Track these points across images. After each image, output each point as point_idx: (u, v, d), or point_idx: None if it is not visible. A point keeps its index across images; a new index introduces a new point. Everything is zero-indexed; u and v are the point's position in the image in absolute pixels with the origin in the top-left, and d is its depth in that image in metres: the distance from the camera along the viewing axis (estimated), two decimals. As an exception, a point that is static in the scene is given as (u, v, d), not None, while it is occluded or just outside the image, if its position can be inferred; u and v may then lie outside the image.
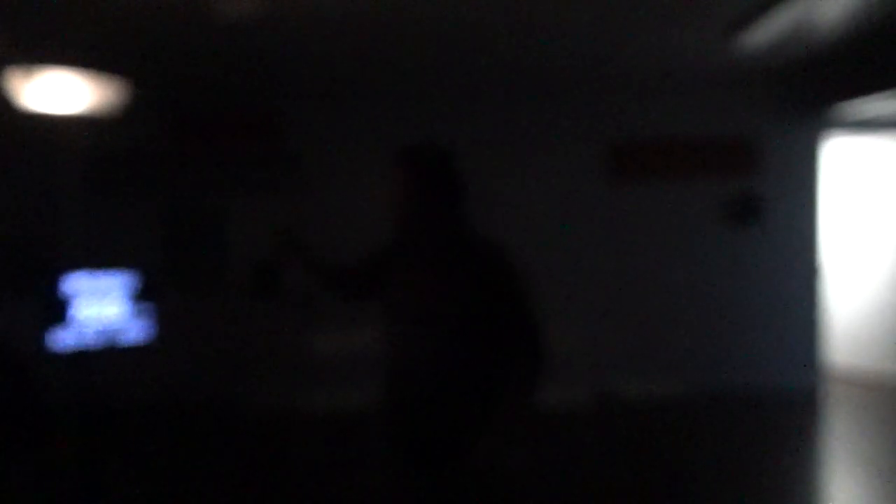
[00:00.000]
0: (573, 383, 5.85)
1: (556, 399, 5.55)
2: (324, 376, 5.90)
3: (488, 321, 1.94)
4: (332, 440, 5.12)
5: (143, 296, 4.84)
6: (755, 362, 6.09)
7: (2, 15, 3.87)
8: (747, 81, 5.98)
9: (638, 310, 6.09)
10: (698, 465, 4.46)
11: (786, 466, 4.41)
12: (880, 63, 4.95)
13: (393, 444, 2.08)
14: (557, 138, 6.06)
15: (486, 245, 2.02)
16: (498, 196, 5.79)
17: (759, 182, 6.06)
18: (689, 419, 5.48)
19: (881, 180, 6.49)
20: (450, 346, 1.95)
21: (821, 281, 6.10)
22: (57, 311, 4.40)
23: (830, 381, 6.35)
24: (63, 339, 4.40)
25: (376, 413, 2.18)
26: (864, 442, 4.94)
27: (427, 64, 5.31)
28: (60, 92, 4.33)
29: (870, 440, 4.98)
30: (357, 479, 4.26)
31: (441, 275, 2.00)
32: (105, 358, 5.07)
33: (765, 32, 4.34)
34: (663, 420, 5.46)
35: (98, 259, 5.44)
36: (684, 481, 4.20)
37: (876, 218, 6.51)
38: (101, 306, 4.60)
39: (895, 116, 6.03)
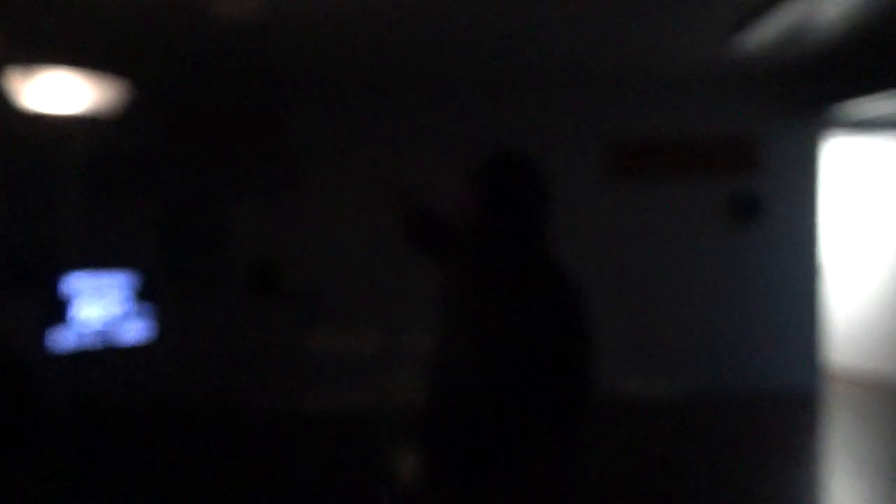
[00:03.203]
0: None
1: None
2: (324, 376, 5.90)
3: (543, 346, 1.89)
4: (331, 440, 5.11)
5: (143, 296, 4.85)
6: (755, 362, 6.09)
7: (2, 15, 3.88)
8: (747, 81, 5.98)
9: (638, 309, 6.09)
10: (698, 465, 4.46)
11: (786, 466, 4.41)
12: (880, 63, 4.95)
13: (417, 447, 2.06)
14: (556, 137, 6.06)
15: (557, 271, 1.94)
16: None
17: (760, 182, 6.06)
18: (689, 419, 5.48)
19: (881, 180, 6.49)
20: (497, 359, 1.90)
21: (821, 281, 6.10)
22: (57, 311, 4.40)
23: (830, 381, 6.35)
24: (63, 339, 4.40)
25: (398, 414, 2.17)
26: (864, 442, 4.94)
27: (427, 63, 5.31)
28: (60, 92, 4.32)
29: (870, 440, 4.97)
30: (357, 480, 4.26)
31: (506, 290, 1.91)
32: (105, 358, 5.07)
33: (765, 32, 4.34)
34: (663, 420, 5.46)
35: (98, 259, 5.44)
36: (684, 481, 4.20)
37: (876, 218, 6.51)
38: (101, 306, 4.60)
39: (895, 116, 6.03)
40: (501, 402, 1.91)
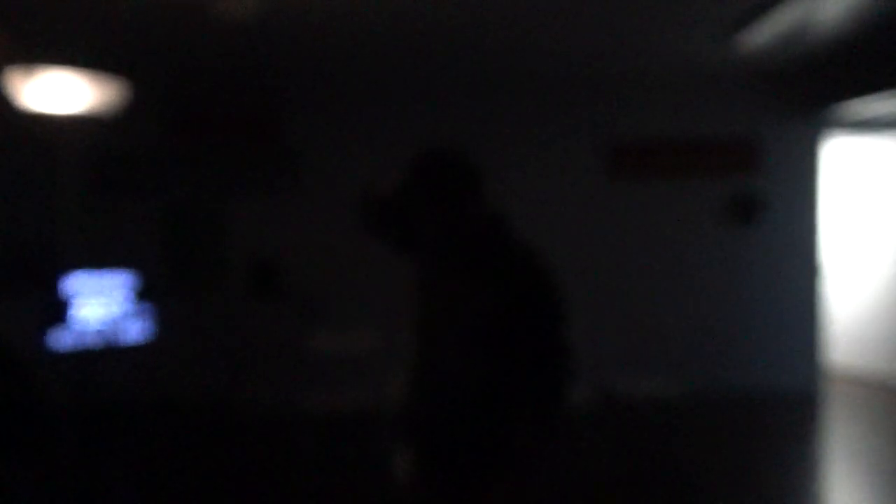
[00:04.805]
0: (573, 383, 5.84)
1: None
2: (324, 376, 5.90)
3: (516, 327, 1.92)
4: (331, 440, 5.11)
5: (143, 296, 4.85)
6: (755, 362, 6.08)
7: (2, 15, 3.88)
8: (747, 81, 5.98)
9: (638, 309, 6.09)
10: (698, 464, 4.46)
11: (786, 466, 4.41)
12: (880, 63, 4.95)
13: (408, 446, 2.07)
14: (557, 137, 6.06)
15: (521, 251, 1.98)
16: (497, 195, 5.79)
17: (760, 182, 6.06)
18: (689, 419, 5.48)
19: (881, 180, 6.49)
20: (475, 349, 1.93)
21: (821, 281, 6.10)
22: (57, 311, 4.41)
23: (830, 381, 6.35)
24: (63, 339, 4.41)
25: (392, 413, 2.17)
26: (864, 442, 4.94)
27: (427, 64, 5.31)
28: (60, 92, 4.32)
29: (870, 440, 4.98)
30: (357, 480, 4.26)
31: (469, 277, 1.96)
32: (105, 358, 5.07)
33: (765, 32, 4.34)
34: (663, 420, 5.46)
35: (98, 259, 5.44)
36: (684, 481, 4.20)
37: (876, 218, 6.51)
38: (101, 306, 4.60)
39: (895, 116, 6.03)
40: (484, 390, 1.93)
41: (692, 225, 6.09)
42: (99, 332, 4.57)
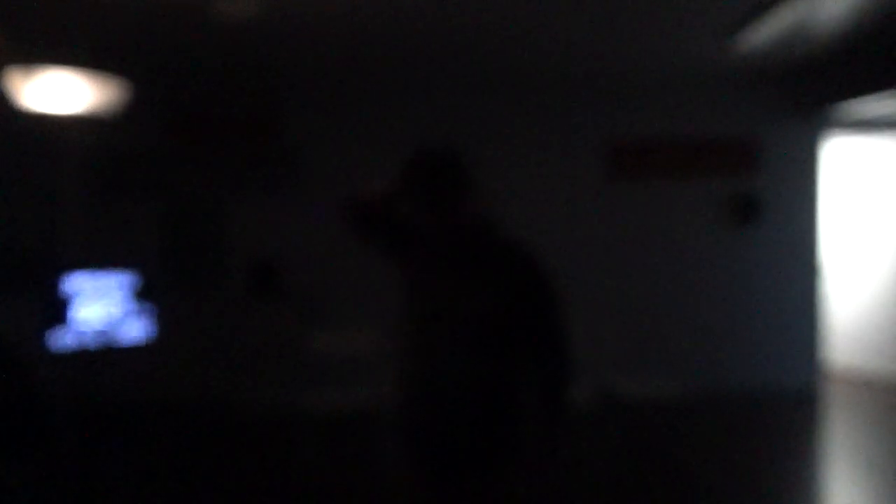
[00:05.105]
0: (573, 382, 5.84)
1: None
2: (324, 376, 5.90)
3: (514, 326, 1.93)
4: (331, 440, 5.11)
5: (143, 296, 4.85)
6: (755, 362, 6.08)
7: (2, 15, 3.88)
8: (747, 81, 5.98)
9: (638, 309, 6.09)
10: (698, 465, 4.46)
11: (786, 466, 4.41)
12: (880, 63, 4.95)
13: (408, 448, 2.07)
14: (557, 138, 6.06)
15: (515, 249, 2.00)
16: (496, 195, 5.79)
17: (759, 182, 6.06)
18: (689, 419, 5.48)
19: (881, 180, 6.49)
20: (473, 349, 1.93)
21: (821, 281, 6.10)
22: (57, 311, 4.41)
23: (830, 381, 6.35)
24: (63, 339, 4.41)
25: (390, 415, 2.17)
26: (864, 442, 4.94)
27: (427, 64, 5.31)
28: (60, 92, 4.32)
29: (870, 440, 4.98)
30: (357, 480, 4.26)
31: (464, 277, 1.98)
32: (105, 358, 5.07)
33: (765, 32, 4.34)
34: (663, 420, 5.46)
35: (98, 259, 5.44)
36: (684, 481, 4.20)
37: (876, 218, 6.51)
38: (101, 306, 4.61)
39: (895, 116, 6.03)
40: (483, 391, 1.93)
41: (692, 225, 6.10)
42: (99, 332, 4.58)
